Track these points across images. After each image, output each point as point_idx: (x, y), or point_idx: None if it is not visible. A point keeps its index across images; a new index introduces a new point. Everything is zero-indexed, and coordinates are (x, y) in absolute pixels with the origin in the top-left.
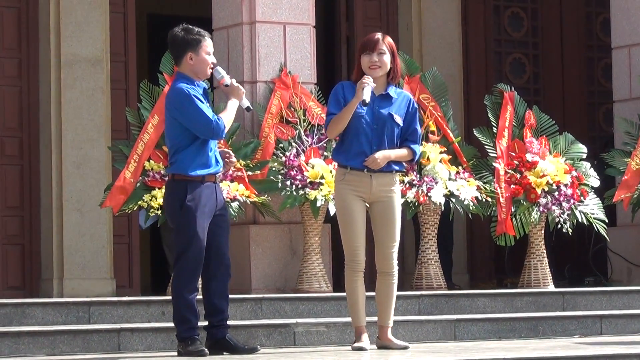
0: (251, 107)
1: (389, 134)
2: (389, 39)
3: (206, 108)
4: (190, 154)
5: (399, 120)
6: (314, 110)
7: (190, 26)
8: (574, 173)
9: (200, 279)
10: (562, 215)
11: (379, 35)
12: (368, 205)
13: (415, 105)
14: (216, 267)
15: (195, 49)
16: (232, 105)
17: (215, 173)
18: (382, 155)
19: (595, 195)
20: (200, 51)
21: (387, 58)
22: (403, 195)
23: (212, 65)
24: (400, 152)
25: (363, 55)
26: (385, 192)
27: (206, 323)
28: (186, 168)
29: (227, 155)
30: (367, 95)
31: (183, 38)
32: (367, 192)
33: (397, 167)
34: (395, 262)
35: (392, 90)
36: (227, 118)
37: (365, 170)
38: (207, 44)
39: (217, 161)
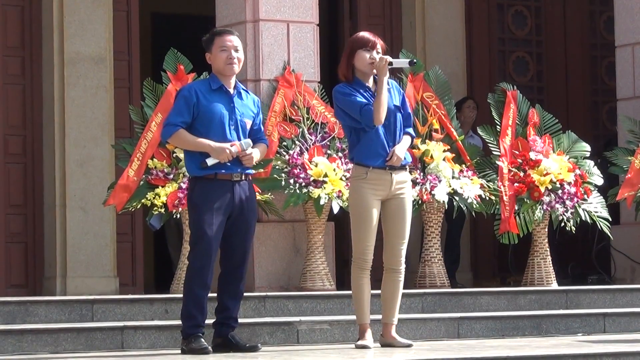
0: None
1: (399, 126)
2: (381, 41)
3: (179, 110)
4: (194, 153)
5: (402, 109)
6: (317, 109)
7: (217, 28)
8: (578, 171)
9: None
10: (565, 213)
11: (375, 37)
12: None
13: (402, 89)
14: (229, 266)
15: (210, 47)
16: (202, 144)
17: (231, 173)
18: (402, 149)
19: (598, 194)
20: (213, 49)
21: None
22: None
23: (228, 61)
24: (408, 141)
25: (362, 50)
26: (401, 189)
27: (215, 319)
28: (193, 168)
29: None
30: (402, 63)
31: (203, 41)
32: (386, 190)
33: (409, 160)
34: (403, 259)
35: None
36: (185, 138)
37: (387, 168)
38: (223, 39)
39: (234, 162)
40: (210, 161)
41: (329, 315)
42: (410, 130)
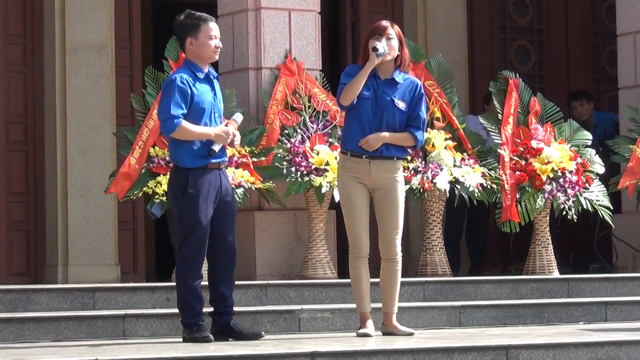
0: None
1: (390, 119)
2: (397, 27)
3: (177, 102)
4: (189, 144)
5: (401, 105)
6: (319, 97)
7: (193, 12)
8: (579, 160)
9: (206, 265)
10: (567, 202)
11: (388, 22)
12: (371, 192)
13: (422, 91)
14: (221, 254)
15: (194, 33)
16: (205, 131)
17: (220, 161)
18: (375, 137)
19: (600, 182)
20: (199, 35)
21: (395, 43)
22: (408, 182)
23: (215, 50)
24: (399, 136)
25: (372, 39)
26: (386, 178)
27: (211, 309)
28: (185, 160)
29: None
30: (380, 46)
31: (182, 23)
32: (366, 178)
33: (397, 154)
34: (398, 248)
35: (399, 76)
36: (189, 130)
37: (364, 156)
38: (209, 27)
39: (221, 150)
40: (217, 147)
41: (331, 303)
42: (418, 132)
